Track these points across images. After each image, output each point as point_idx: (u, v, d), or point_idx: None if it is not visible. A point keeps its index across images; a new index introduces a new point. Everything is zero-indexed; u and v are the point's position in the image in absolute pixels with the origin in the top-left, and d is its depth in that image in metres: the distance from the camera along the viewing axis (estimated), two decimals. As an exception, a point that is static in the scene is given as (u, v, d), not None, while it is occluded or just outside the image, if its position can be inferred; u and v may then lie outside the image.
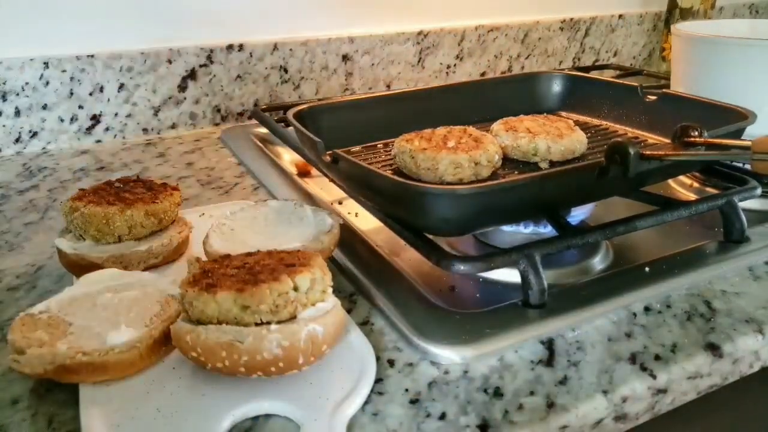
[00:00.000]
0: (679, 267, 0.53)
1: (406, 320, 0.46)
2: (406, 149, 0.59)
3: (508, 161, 0.65)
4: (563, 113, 0.82)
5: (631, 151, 0.47)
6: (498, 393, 0.40)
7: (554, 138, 0.63)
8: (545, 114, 0.71)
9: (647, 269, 0.53)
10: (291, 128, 0.65)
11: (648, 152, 0.48)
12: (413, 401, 0.39)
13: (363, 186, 0.53)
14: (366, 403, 0.39)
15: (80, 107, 0.88)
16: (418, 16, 1.11)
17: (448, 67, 1.16)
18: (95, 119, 0.90)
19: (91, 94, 0.88)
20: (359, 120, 0.73)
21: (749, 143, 0.43)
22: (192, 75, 0.94)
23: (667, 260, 0.54)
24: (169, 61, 0.92)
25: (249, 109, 1.00)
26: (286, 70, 1.00)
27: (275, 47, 0.98)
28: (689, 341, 0.45)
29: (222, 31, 0.95)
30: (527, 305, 0.47)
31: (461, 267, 0.47)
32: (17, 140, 0.86)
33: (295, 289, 0.38)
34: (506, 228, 0.59)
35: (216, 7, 0.95)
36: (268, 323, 0.37)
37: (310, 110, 0.68)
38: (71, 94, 0.87)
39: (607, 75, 1.14)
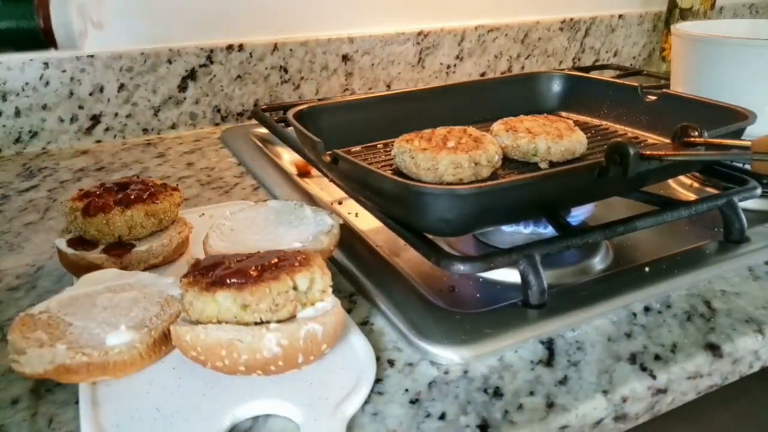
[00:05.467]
0: (679, 267, 0.53)
1: (406, 320, 0.46)
2: (406, 149, 0.59)
3: (508, 161, 0.65)
4: (563, 113, 0.82)
5: (631, 151, 0.47)
6: (498, 393, 0.40)
7: (554, 138, 0.63)
8: (545, 114, 0.71)
9: (647, 269, 0.53)
10: (291, 128, 0.65)
11: (648, 152, 0.48)
12: (413, 401, 0.39)
13: (363, 186, 0.53)
14: (366, 403, 0.39)
15: (80, 107, 0.88)
16: (418, 16, 1.11)
17: (448, 67, 1.16)
18: (95, 119, 0.90)
19: (91, 95, 0.88)
20: (359, 120, 0.72)
21: (749, 143, 0.43)
22: (192, 75, 0.94)
23: (667, 260, 0.54)
24: (169, 61, 0.92)
25: (249, 109, 1.00)
26: (286, 70, 1.00)
27: (275, 47, 0.98)
28: (689, 341, 0.45)
29: (222, 31, 0.95)
30: (527, 305, 0.47)
31: (461, 267, 0.47)
32: (17, 140, 0.86)
33: (295, 288, 0.38)
34: (506, 228, 0.59)
35: (216, 7, 0.95)
36: (268, 322, 0.37)
37: (310, 110, 0.68)
38: (71, 94, 0.87)
39: (607, 75, 1.14)
